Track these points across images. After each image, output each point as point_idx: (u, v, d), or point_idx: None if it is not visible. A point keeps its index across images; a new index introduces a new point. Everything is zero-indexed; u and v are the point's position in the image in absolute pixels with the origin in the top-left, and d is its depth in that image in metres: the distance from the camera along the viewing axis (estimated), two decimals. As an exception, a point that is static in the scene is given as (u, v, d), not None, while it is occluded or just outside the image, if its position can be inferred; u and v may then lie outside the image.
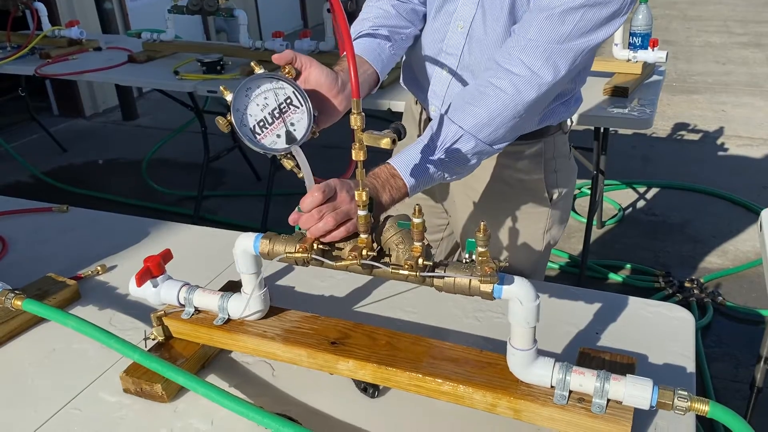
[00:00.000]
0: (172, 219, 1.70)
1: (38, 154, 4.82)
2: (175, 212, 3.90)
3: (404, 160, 1.11)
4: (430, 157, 1.12)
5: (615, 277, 3.17)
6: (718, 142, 4.76)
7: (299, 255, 0.96)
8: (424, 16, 1.37)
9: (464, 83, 1.31)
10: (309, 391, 1.04)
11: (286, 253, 0.98)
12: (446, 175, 1.15)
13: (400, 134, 0.91)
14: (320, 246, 0.97)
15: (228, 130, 0.90)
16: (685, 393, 0.86)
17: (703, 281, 3.10)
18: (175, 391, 1.03)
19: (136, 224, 1.60)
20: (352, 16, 1.37)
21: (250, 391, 1.05)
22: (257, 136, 0.91)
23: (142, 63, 3.29)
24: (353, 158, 0.91)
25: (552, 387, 0.91)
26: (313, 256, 0.96)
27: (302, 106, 0.92)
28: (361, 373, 0.99)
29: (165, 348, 1.09)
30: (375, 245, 0.95)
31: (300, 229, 0.97)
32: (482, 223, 0.87)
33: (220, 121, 0.90)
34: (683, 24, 8.57)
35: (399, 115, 2.49)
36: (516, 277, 0.88)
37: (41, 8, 3.52)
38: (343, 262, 0.95)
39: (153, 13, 5.04)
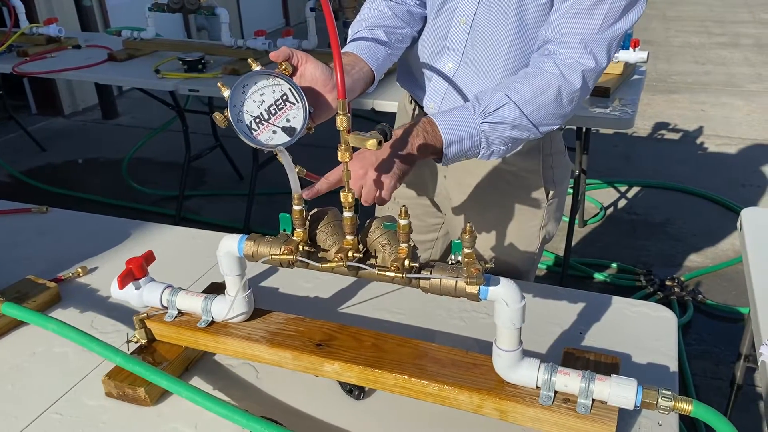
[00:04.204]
0: (154, 219, 1.68)
1: (16, 153, 4.75)
2: (156, 212, 3.86)
3: (445, 117, 1.13)
4: (471, 120, 1.12)
5: (597, 276, 3.19)
6: (698, 141, 4.82)
7: (284, 257, 0.95)
8: (421, 18, 1.38)
9: (466, 78, 1.32)
10: (294, 393, 1.04)
11: (271, 255, 0.97)
12: (484, 144, 1.14)
13: (386, 135, 0.91)
14: (305, 248, 0.96)
15: (225, 125, 0.91)
16: (669, 393, 0.86)
17: (684, 279, 3.14)
18: (158, 395, 1.02)
19: (117, 225, 1.58)
20: (335, 15, 1.37)
21: (234, 393, 1.04)
22: (254, 132, 0.91)
23: (122, 61, 3.25)
24: (339, 159, 0.91)
25: (537, 388, 0.91)
26: (299, 258, 0.95)
27: (298, 102, 0.92)
28: (346, 374, 0.99)
29: (148, 351, 1.08)
30: (361, 247, 0.95)
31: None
32: (468, 224, 0.87)
33: (217, 116, 0.90)
34: (663, 24, 8.66)
35: (383, 115, 2.49)
36: (502, 279, 0.89)
37: (18, 5, 3.46)
38: (328, 264, 0.95)
39: (133, 10, 4.97)
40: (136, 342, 1.08)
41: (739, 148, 4.66)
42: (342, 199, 0.93)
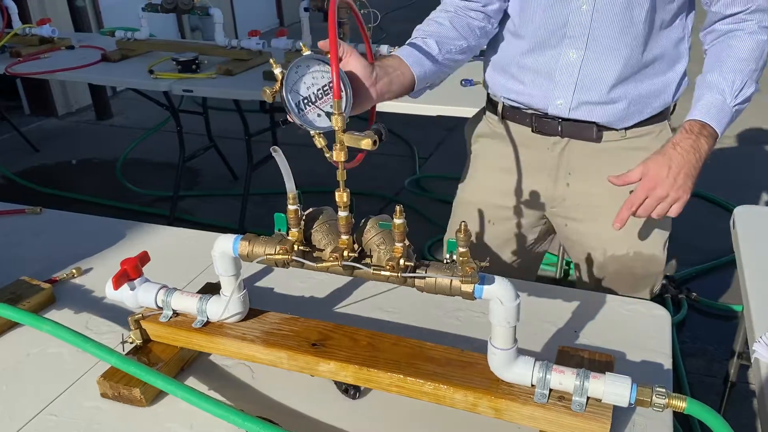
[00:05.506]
0: (148, 220, 1.68)
1: (9, 154, 4.73)
2: (150, 213, 3.85)
3: (707, 113, 1.30)
4: (728, 108, 1.31)
5: (591, 275, 3.20)
6: (691, 140, 4.83)
7: (279, 257, 0.95)
8: (481, 32, 1.39)
9: (594, 63, 1.33)
10: (289, 393, 1.04)
11: (266, 254, 0.97)
12: (736, 117, 1.34)
13: (381, 135, 0.91)
14: (301, 247, 0.96)
15: (272, 100, 0.95)
16: (663, 390, 0.87)
17: (678, 278, 3.15)
18: (153, 395, 1.02)
19: (111, 226, 1.58)
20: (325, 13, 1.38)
21: (229, 394, 1.04)
22: (301, 111, 0.93)
23: (116, 62, 3.24)
24: (334, 159, 0.91)
25: (532, 386, 0.91)
26: (294, 257, 0.95)
27: (342, 91, 0.94)
28: (342, 374, 0.99)
29: (143, 351, 1.08)
30: (356, 246, 0.95)
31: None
32: (463, 222, 0.88)
33: (267, 90, 0.94)
34: (656, 23, 8.67)
35: (379, 115, 2.47)
36: (497, 277, 0.89)
37: (11, 6, 3.44)
38: (324, 264, 0.95)
39: (126, 11, 4.95)
40: (131, 342, 1.08)
41: (732, 146, 4.68)
42: (337, 199, 0.93)
